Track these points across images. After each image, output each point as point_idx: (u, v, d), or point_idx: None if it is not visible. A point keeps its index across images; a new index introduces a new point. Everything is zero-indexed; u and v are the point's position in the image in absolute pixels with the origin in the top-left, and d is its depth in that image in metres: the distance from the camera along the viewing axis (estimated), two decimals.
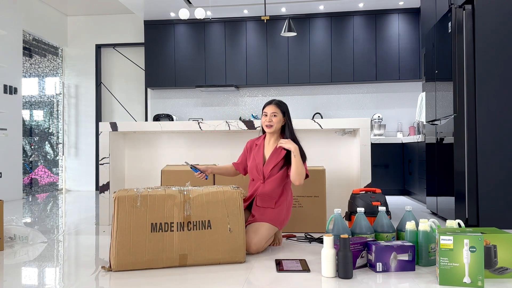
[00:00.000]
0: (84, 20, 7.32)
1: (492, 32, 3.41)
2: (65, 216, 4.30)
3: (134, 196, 2.29)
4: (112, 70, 7.36)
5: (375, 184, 5.95)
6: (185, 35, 6.72)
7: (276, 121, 2.76)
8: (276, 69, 6.53)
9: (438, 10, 4.22)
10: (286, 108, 2.83)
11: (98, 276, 2.20)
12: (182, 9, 5.23)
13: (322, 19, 6.47)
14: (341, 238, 2.09)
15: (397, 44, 6.31)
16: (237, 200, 2.40)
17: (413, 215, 2.49)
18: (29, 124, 6.52)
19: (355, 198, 2.99)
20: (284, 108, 2.81)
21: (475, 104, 3.42)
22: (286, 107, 2.84)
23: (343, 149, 3.74)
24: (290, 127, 2.81)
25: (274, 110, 2.77)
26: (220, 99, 6.94)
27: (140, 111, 7.25)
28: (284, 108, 2.81)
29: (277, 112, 2.77)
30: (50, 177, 6.99)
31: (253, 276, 2.15)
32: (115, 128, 3.70)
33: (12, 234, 2.97)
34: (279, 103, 2.80)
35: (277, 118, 2.77)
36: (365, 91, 6.63)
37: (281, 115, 2.78)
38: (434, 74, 4.07)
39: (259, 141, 2.90)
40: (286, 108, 2.83)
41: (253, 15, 6.62)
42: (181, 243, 2.28)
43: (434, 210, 4.11)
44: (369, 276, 2.13)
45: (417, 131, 5.68)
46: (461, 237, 1.94)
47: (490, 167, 3.38)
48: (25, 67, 6.43)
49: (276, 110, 2.77)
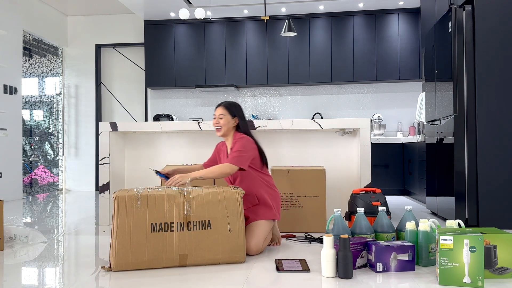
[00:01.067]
0: (84, 20, 7.32)
1: (492, 32, 3.41)
2: (65, 216, 4.30)
3: (134, 196, 2.29)
4: (112, 70, 7.36)
5: (375, 184, 5.95)
6: (185, 35, 6.72)
7: (223, 123, 2.74)
8: (276, 69, 6.53)
9: (438, 10, 4.22)
10: (236, 109, 2.79)
11: (98, 276, 2.20)
12: (182, 9, 5.23)
13: (322, 19, 6.47)
14: (341, 238, 2.09)
15: (397, 44, 6.31)
16: (237, 200, 2.40)
17: (413, 215, 2.49)
18: (29, 124, 6.52)
19: (355, 198, 2.99)
20: (233, 109, 2.78)
21: (475, 104, 3.42)
22: (237, 109, 2.79)
23: (343, 149, 3.74)
24: (244, 127, 2.78)
25: (221, 112, 2.75)
26: (220, 99, 6.94)
27: (140, 111, 7.25)
28: (233, 109, 2.78)
29: (224, 114, 2.75)
30: (50, 177, 6.99)
31: (253, 276, 2.15)
32: (115, 128, 3.70)
33: (12, 234, 2.97)
34: (227, 105, 2.77)
35: (225, 120, 2.74)
36: (365, 91, 6.63)
37: (229, 117, 2.75)
38: (434, 74, 4.07)
39: (223, 146, 2.89)
40: (237, 109, 2.79)
41: (253, 15, 6.62)
42: (181, 243, 2.28)
43: (434, 210, 4.11)
44: (369, 276, 2.13)
45: (417, 131, 5.68)
46: (461, 237, 1.94)
47: (490, 167, 3.38)
48: (25, 67, 6.43)
49: (223, 112, 2.75)
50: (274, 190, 2.79)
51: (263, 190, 2.73)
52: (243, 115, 2.81)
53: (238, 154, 2.62)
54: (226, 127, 2.75)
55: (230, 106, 2.78)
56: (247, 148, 2.65)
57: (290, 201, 3.30)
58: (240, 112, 2.80)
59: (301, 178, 3.29)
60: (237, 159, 2.61)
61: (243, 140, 2.69)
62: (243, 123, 2.79)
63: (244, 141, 2.68)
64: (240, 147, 2.65)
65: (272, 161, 3.81)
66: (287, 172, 3.31)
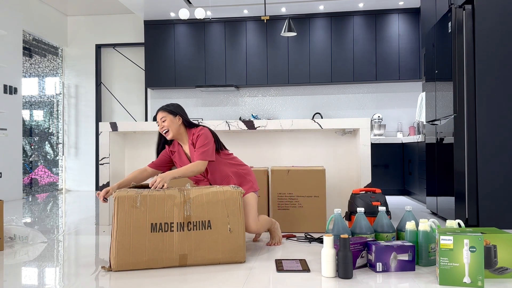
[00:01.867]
0: (84, 20, 7.32)
1: (492, 32, 3.41)
2: (65, 216, 4.30)
3: (134, 196, 2.29)
4: (112, 70, 7.36)
5: (375, 184, 5.95)
6: (185, 35, 6.72)
7: (168, 124, 2.75)
8: (276, 69, 6.53)
9: (438, 10, 4.22)
10: (175, 107, 2.79)
11: (98, 276, 2.20)
12: (182, 9, 5.23)
13: (322, 19, 6.47)
14: (341, 238, 2.09)
15: (397, 44, 6.31)
16: (237, 200, 2.41)
17: (413, 215, 2.49)
18: (29, 124, 6.52)
19: (355, 198, 2.99)
20: (172, 108, 2.78)
21: (475, 104, 3.42)
22: (175, 107, 2.80)
23: (343, 149, 3.74)
24: (189, 121, 2.81)
25: (161, 116, 2.76)
26: (220, 99, 6.94)
27: (140, 111, 7.25)
28: (172, 108, 2.78)
29: (165, 116, 2.75)
30: (50, 177, 6.99)
31: (253, 276, 2.15)
32: (115, 128, 3.70)
33: (12, 234, 2.97)
34: (164, 107, 2.78)
35: (168, 121, 2.75)
36: (365, 91, 6.63)
37: (171, 116, 2.76)
38: (434, 74, 4.07)
39: (174, 148, 2.88)
40: (175, 107, 2.80)
41: (253, 15, 6.62)
42: (181, 243, 2.29)
43: (434, 210, 4.11)
44: (369, 276, 2.13)
45: (417, 131, 5.68)
46: (461, 237, 1.94)
47: (490, 167, 3.38)
48: (25, 67, 6.43)
49: (163, 115, 2.76)
50: (244, 166, 2.89)
51: (236, 169, 2.84)
52: (183, 111, 2.83)
53: (204, 148, 2.68)
54: (173, 127, 2.76)
55: (168, 106, 2.80)
56: (208, 139, 2.72)
57: (290, 201, 3.30)
58: (179, 109, 2.81)
59: (301, 178, 3.29)
60: (205, 153, 2.68)
61: (202, 132, 2.73)
62: (186, 117, 2.82)
63: (203, 132, 2.73)
64: (203, 140, 2.70)
65: (272, 161, 3.81)
66: (287, 172, 3.31)
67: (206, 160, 2.67)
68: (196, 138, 2.73)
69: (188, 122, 2.81)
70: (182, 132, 2.81)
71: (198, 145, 2.70)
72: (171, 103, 2.83)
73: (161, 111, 2.77)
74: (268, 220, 2.82)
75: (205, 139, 2.70)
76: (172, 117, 2.76)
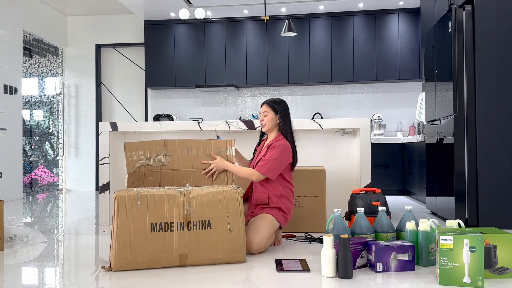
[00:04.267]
0: (84, 20, 7.32)
1: (492, 32, 3.41)
2: (65, 216, 4.30)
3: (134, 196, 2.29)
4: (112, 70, 7.36)
5: (375, 184, 5.95)
6: (185, 35, 6.72)
7: (267, 120, 2.80)
8: (276, 69, 6.53)
9: (438, 10, 4.22)
10: (280, 106, 2.81)
11: (98, 276, 2.20)
12: (182, 9, 5.23)
13: (322, 19, 6.47)
14: (341, 238, 2.09)
15: (397, 44, 6.31)
16: (237, 200, 2.40)
17: (413, 215, 2.49)
18: (29, 124, 6.52)
19: (355, 198, 2.99)
20: (277, 106, 2.81)
21: (475, 104, 3.42)
22: (281, 105, 2.82)
23: (343, 149, 3.74)
24: (286, 125, 2.80)
25: (264, 109, 2.82)
26: (220, 99, 6.95)
27: (140, 111, 7.25)
28: (277, 106, 2.81)
29: (267, 111, 2.81)
30: (50, 177, 6.99)
31: (253, 276, 2.15)
32: (115, 128, 3.70)
33: (12, 234, 2.97)
34: (270, 102, 2.82)
35: (269, 117, 2.80)
36: (365, 91, 6.63)
37: (273, 113, 2.80)
38: (434, 74, 4.07)
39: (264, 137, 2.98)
40: (281, 106, 2.82)
41: (253, 15, 6.62)
42: (181, 243, 2.29)
43: (434, 210, 4.11)
44: (369, 276, 2.13)
45: (417, 131, 5.68)
46: (461, 237, 1.94)
47: (490, 167, 3.38)
48: (25, 67, 6.43)
49: (266, 109, 2.81)
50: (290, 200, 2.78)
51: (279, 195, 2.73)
52: (286, 113, 2.82)
53: (270, 163, 2.65)
54: (270, 124, 2.81)
55: (274, 103, 2.82)
56: (281, 156, 2.67)
57: None
58: (283, 109, 2.82)
59: (301, 178, 3.29)
60: (266, 167, 2.65)
61: (281, 144, 2.70)
62: (285, 119, 2.81)
63: (282, 147, 2.69)
64: (274, 154, 2.67)
65: None
66: None
67: (263, 176, 2.65)
68: (273, 146, 2.73)
69: (281, 124, 2.80)
70: (274, 131, 2.84)
71: (268, 155, 2.69)
72: (280, 101, 2.83)
73: (266, 105, 2.83)
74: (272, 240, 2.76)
75: (277, 153, 2.67)
76: (274, 115, 2.80)
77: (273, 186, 2.74)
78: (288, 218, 2.77)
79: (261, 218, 2.63)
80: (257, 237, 2.54)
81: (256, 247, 2.53)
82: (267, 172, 2.65)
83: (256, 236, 2.54)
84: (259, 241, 2.54)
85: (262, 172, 2.65)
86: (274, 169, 2.66)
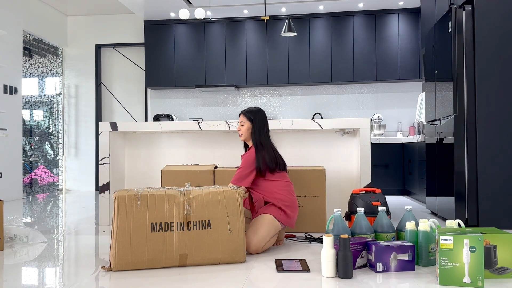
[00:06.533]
0: (84, 20, 7.32)
1: (492, 32, 3.41)
2: (65, 216, 4.30)
3: (134, 196, 2.29)
4: (112, 70, 7.36)
5: (375, 184, 5.95)
6: (185, 35, 6.72)
7: (244, 130, 2.83)
8: (276, 69, 6.53)
9: (438, 10, 4.22)
10: (255, 115, 2.81)
11: (98, 276, 2.20)
12: (182, 9, 5.23)
13: (322, 19, 6.47)
14: (341, 238, 2.09)
15: (397, 44, 6.31)
16: (237, 200, 2.40)
17: (413, 215, 2.49)
18: (29, 124, 6.52)
19: (355, 198, 2.99)
20: (252, 116, 2.80)
21: (475, 104, 3.42)
22: (257, 115, 2.81)
23: (343, 149, 3.74)
24: (260, 134, 2.78)
25: (241, 120, 2.85)
26: (220, 99, 6.95)
27: (140, 111, 7.25)
28: (252, 116, 2.80)
29: (243, 121, 2.83)
30: (50, 177, 6.99)
31: (253, 276, 2.15)
32: (115, 128, 3.70)
33: (12, 234, 2.97)
34: (247, 112, 2.83)
35: (245, 127, 2.82)
36: (365, 91, 6.63)
37: (249, 123, 2.81)
38: (434, 74, 4.07)
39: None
40: (256, 116, 2.81)
41: (253, 15, 6.62)
42: (181, 243, 2.28)
43: (434, 210, 4.11)
44: (369, 276, 2.13)
45: (417, 131, 5.68)
46: (461, 237, 1.94)
47: (490, 167, 3.38)
48: (25, 67, 6.43)
49: (243, 119, 2.84)
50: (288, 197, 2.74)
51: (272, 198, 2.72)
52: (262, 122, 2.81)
53: (237, 173, 2.71)
54: (246, 133, 2.83)
55: (249, 112, 2.83)
56: (248, 165, 2.70)
57: None
58: (258, 117, 2.80)
59: (301, 178, 3.29)
60: (236, 178, 2.71)
61: (248, 154, 2.75)
62: (258, 127, 2.79)
63: (248, 155, 2.74)
64: (241, 164, 2.74)
65: None
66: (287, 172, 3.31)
67: (238, 186, 2.67)
68: (242, 156, 2.79)
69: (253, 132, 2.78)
70: (250, 139, 2.86)
71: (240, 165, 2.74)
72: (256, 110, 2.83)
73: (242, 115, 2.85)
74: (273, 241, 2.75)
75: (243, 163, 2.73)
76: (250, 124, 2.81)
77: (262, 189, 2.76)
78: (291, 216, 2.72)
79: (261, 219, 2.63)
80: (255, 238, 2.54)
81: (254, 248, 2.54)
82: (238, 181, 2.70)
83: (254, 236, 2.54)
84: (257, 242, 2.54)
85: (234, 183, 2.71)
86: (244, 178, 2.70)
